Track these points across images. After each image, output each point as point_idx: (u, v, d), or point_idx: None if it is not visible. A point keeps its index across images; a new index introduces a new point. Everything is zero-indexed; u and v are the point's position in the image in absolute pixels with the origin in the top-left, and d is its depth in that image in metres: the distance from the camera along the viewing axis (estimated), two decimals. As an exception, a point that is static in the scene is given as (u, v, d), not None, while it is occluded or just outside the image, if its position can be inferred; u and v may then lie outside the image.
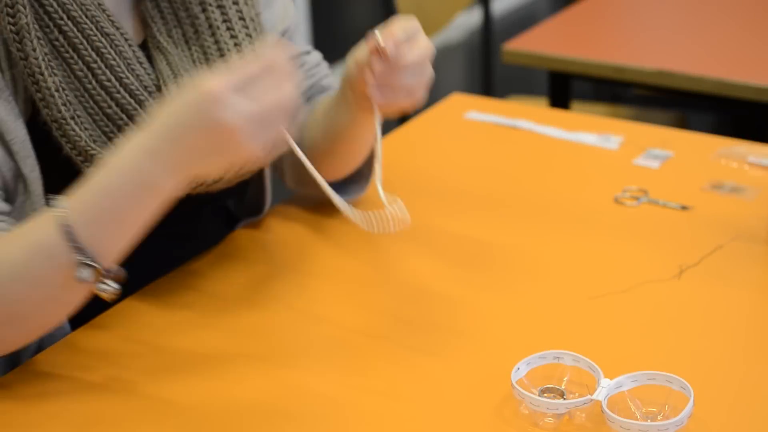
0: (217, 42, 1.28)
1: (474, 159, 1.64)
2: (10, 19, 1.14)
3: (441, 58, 3.39)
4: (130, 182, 1.06)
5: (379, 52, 1.20)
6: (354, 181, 1.43)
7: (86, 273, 1.07)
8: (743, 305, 1.25)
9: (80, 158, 1.18)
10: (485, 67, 3.32)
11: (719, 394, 1.09)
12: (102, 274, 1.07)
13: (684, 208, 1.44)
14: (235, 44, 1.28)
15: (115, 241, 1.08)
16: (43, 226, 1.07)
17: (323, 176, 1.21)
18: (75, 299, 1.10)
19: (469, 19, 3.48)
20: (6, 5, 1.14)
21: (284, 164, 1.44)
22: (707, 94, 2.07)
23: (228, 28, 1.28)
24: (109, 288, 1.08)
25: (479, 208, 1.47)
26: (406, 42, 1.21)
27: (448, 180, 1.55)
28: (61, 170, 1.18)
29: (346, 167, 1.40)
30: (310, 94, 1.43)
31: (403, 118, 2.65)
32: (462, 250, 1.37)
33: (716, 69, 2.08)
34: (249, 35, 1.29)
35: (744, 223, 1.39)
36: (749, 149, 1.59)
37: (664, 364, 1.09)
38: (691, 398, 1.02)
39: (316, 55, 1.48)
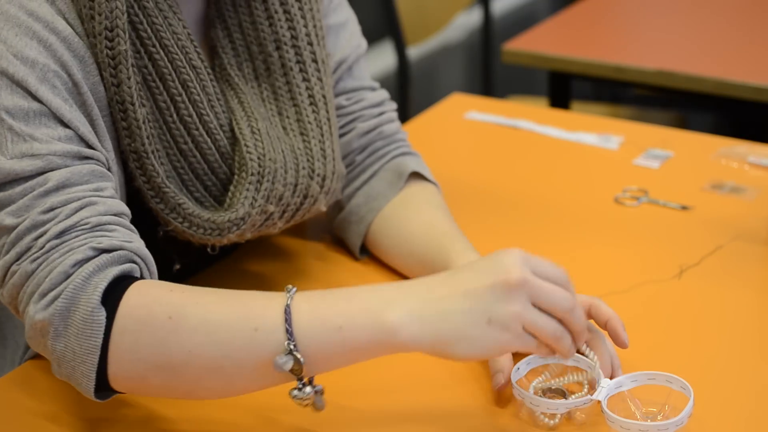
0: (288, 83, 1.22)
1: (474, 159, 1.64)
2: (108, 43, 1.07)
3: (441, 58, 3.40)
4: (370, 326, 0.96)
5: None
6: None
7: (287, 363, 0.96)
8: (743, 305, 1.25)
9: (151, 193, 1.14)
10: (485, 67, 3.32)
11: (719, 393, 1.09)
12: (301, 371, 0.97)
13: (684, 208, 1.44)
14: (307, 87, 1.23)
15: (325, 360, 0.98)
16: (264, 297, 1.00)
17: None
18: (249, 385, 1.00)
19: (469, 19, 3.47)
20: (106, 28, 1.07)
21: (335, 222, 1.36)
22: (707, 94, 2.07)
23: (301, 70, 1.23)
24: (305, 393, 0.99)
25: (479, 208, 1.47)
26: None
27: (448, 180, 1.55)
28: (128, 202, 1.13)
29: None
30: (368, 139, 1.35)
31: (403, 119, 2.66)
32: (462, 250, 1.37)
33: (716, 69, 2.08)
34: (320, 79, 1.24)
35: (744, 223, 1.39)
36: (749, 149, 1.59)
37: (663, 364, 1.09)
38: (691, 398, 1.02)
39: (381, 94, 1.38)
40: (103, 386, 1.01)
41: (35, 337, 1.01)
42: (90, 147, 1.07)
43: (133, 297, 1.00)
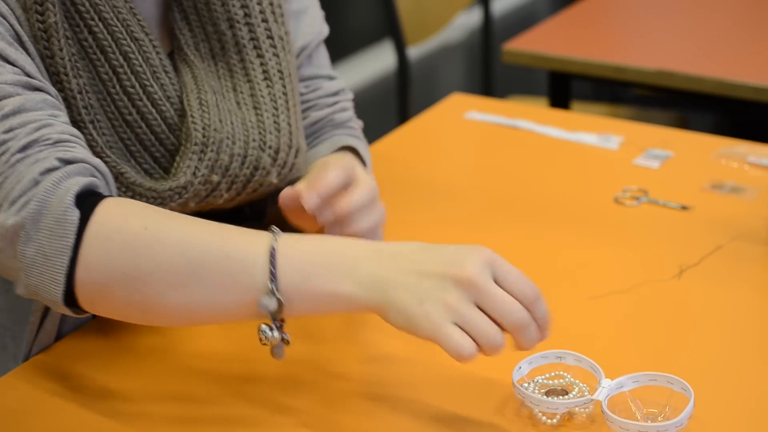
0: (242, 60, 1.25)
1: (474, 159, 1.64)
2: (39, 17, 1.12)
3: (441, 58, 3.40)
4: (333, 286, 0.99)
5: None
6: None
7: (271, 305, 0.99)
8: (743, 305, 1.25)
9: None
10: (485, 67, 3.32)
11: (719, 394, 1.09)
12: (280, 313, 1.00)
13: (684, 208, 1.44)
14: (261, 63, 1.26)
15: (296, 307, 1.00)
16: (249, 233, 1.02)
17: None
18: (212, 314, 1.02)
19: (469, 19, 3.48)
20: (35, 2, 1.12)
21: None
22: (707, 94, 2.07)
23: (255, 47, 1.26)
24: (273, 335, 1.01)
25: (479, 208, 1.47)
26: (342, 192, 1.17)
27: (447, 180, 1.55)
28: None
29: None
30: (318, 126, 1.37)
31: (403, 119, 2.65)
32: (462, 250, 1.37)
33: (716, 69, 2.08)
34: (276, 54, 1.27)
35: (744, 223, 1.39)
36: (749, 149, 1.59)
37: (663, 364, 1.09)
38: (692, 400, 1.02)
39: (337, 84, 1.40)
40: (70, 298, 1.02)
41: (5, 248, 1.03)
42: (39, 82, 1.10)
43: (110, 205, 1.03)
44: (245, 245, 1.01)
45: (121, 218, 1.02)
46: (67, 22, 1.15)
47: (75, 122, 1.14)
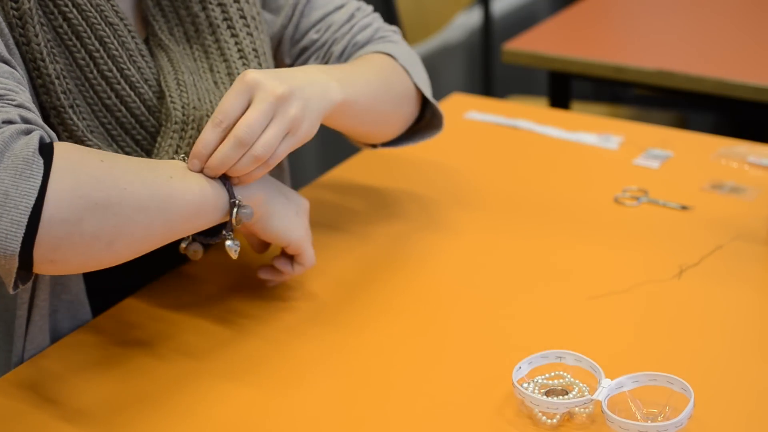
0: (217, 41, 1.27)
1: (474, 159, 1.64)
2: (13, 4, 1.13)
3: (441, 58, 3.40)
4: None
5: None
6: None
7: (248, 214, 1.15)
8: (743, 305, 1.25)
9: None
10: (485, 67, 3.32)
11: (718, 394, 1.09)
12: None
13: (684, 208, 1.44)
14: (236, 43, 1.28)
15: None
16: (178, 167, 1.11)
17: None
18: (166, 232, 1.10)
19: (469, 19, 3.47)
20: None
21: None
22: (707, 94, 2.07)
23: (228, 27, 1.28)
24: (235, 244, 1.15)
25: (479, 208, 1.47)
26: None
27: (448, 180, 1.55)
28: None
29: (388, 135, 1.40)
30: (345, 57, 1.38)
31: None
32: (462, 250, 1.37)
33: (716, 69, 2.08)
34: (250, 33, 1.29)
35: (744, 223, 1.39)
36: (749, 149, 1.59)
37: (663, 364, 1.09)
38: (692, 400, 1.02)
39: (348, 9, 1.41)
40: (25, 251, 1.00)
41: None
42: (9, 58, 1.11)
43: (63, 146, 1.04)
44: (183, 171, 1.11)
45: (78, 154, 1.05)
46: (41, 10, 1.16)
47: (55, 107, 1.16)
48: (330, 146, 2.70)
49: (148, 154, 1.22)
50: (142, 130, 1.22)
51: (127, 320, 1.25)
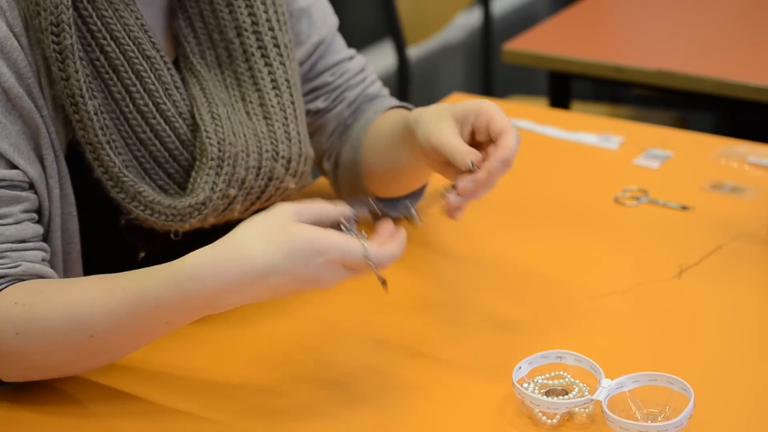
0: (250, 69, 1.24)
1: (474, 159, 1.64)
2: (54, 38, 1.10)
3: (441, 58, 3.40)
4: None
5: (470, 171, 1.17)
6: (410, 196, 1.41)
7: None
8: (743, 305, 1.25)
9: (111, 183, 1.16)
10: (485, 67, 3.32)
11: (718, 394, 1.09)
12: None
13: (684, 208, 1.44)
14: (269, 72, 1.25)
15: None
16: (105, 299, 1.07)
17: (377, 194, 1.30)
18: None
19: (469, 19, 3.48)
20: (51, 24, 1.10)
21: (340, 181, 1.40)
22: (707, 94, 2.07)
23: (263, 55, 1.25)
24: None
25: (479, 208, 1.47)
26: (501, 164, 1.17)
27: (447, 180, 1.55)
28: (92, 191, 1.17)
29: (402, 191, 1.37)
30: (356, 105, 1.39)
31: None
32: (462, 250, 1.37)
33: (716, 69, 2.08)
34: (283, 63, 1.26)
35: (744, 223, 1.39)
36: (749, 149, 1.59)
37: (663, 364, 1.09)
38: (692, 400, 1.02)
39: (360, 61, 1.42)
40: None
41: None
42: (8, 167, 1.10)
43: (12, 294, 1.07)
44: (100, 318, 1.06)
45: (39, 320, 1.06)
46: (80, 42, 1.13)
47: (91, 143, 1.14)
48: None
49: (181, 187, 1.20)
50: (175, 164, 1.20)
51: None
